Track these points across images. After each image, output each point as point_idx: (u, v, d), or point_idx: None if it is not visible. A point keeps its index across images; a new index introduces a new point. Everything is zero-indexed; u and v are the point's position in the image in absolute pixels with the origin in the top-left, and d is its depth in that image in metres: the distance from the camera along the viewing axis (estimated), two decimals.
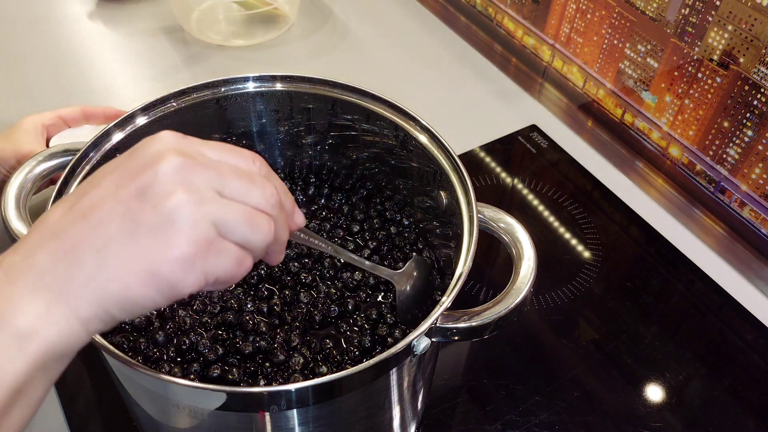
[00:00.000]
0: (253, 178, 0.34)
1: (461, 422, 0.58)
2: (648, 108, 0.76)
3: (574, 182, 0.80)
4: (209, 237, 0.31)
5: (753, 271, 0.70)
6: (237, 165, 0.34)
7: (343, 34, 1.00)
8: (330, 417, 0.42)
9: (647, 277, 0.70)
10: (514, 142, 0.84)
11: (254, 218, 0.33)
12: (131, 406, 0.48)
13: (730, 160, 0.69)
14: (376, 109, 0.55)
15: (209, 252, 0.31)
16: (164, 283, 0.30)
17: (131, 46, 0.96)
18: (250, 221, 0.32)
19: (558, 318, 0.66)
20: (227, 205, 0.32)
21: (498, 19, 0.94)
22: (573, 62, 0.84)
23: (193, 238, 0.30)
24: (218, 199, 0.32)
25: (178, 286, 0.31)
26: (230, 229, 0.32)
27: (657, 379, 0.62)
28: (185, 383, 0.37)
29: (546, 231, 0.74)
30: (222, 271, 0.32)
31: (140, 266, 0.30)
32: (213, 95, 0.55)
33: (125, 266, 0.30)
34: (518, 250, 0.47)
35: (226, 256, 0.32)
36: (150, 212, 0.30)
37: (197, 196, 0.31)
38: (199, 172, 0.32)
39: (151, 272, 0.30)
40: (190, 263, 0.30)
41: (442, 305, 0.41)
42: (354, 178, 0.61)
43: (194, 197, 0.31)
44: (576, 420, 0.58)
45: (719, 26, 0.64)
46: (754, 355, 0.64)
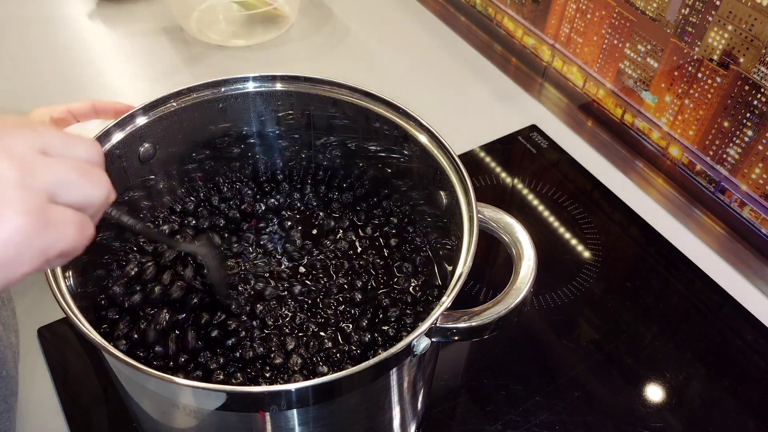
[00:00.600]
0: (70, 136, 0.31)
1: (461, 422, 0.58)
2: (648, 108, 0.76)
3: (574, 182, 0.80)
4: (42, 205, 0.28)
5: (753, 271, 0.70)
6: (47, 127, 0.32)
7: (343, 34, 1.00)
8: (330, 417, 0.42)
9: (647, 277, 0.70)
10: (514, 142, 0.84)
11: (89, 171, 0.30)
12: (131, 406, 0.48)
13: (730, 160, 0.69)
14: (376, 109, 0.55)
15: (45, 224, 0.28)
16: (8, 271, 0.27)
17: (131, 46, 0.96)
18: (86, 176, 0.30)
19: (558, 318, 0.66)
20: (56, 163, 0.29)
21: (498, 19, 0.94)
22: (573, 62, 0.84)
23: (23, 210, 0.27)
24: (44, 158, 0.29)
25: (12, 270, 0.27)
26: (66, 189, 0.29)
27: (657, 379, 0.62)
28: (185, 383, 0.37)
29: (546, 231, 0.74)
30: (64, 244, 0.29)
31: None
32: (213, 95, 0.55)
33: None
34: (518, 250, 0.47)
35: (66, 224, 0.29)
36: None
37: (19, 160, 0.28)
38: (15, 134, 0.28)
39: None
40: (25, 241, 0.27)
41: (442, 305, 0.41)
42: (353, 178, 0.61)
43: (17, 163, 0.27)
44: (576, 420, 0.58)
45: (719, 26, 0.64)
46: (754, 355, 0.64)
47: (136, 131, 0.52)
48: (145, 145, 0.54)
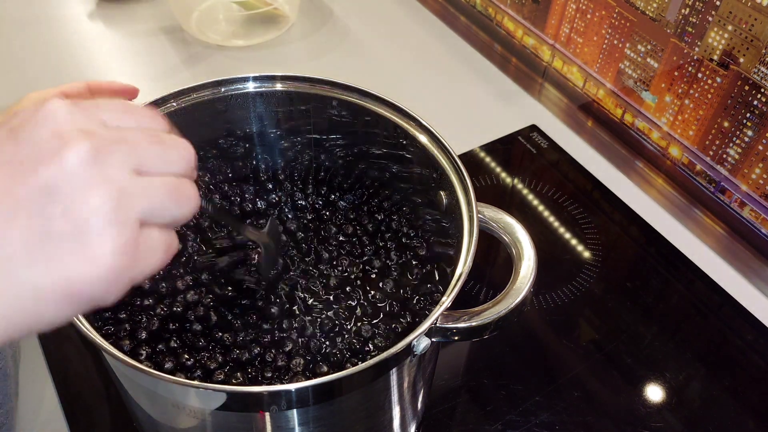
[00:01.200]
0: (162, 138, 0.29)
1: (461, 422, 0.58)
2: (648, 108, 0.76)
3: (574, 182, 0.80)
4: (135, 237, 0.26)
5: (753, 271, 0.70)
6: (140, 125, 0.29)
7: (343, 34, 1.00)
8: (330, 417, 0.42)
9: (647, 277, 0.70)
10: (514, 142, 0.84)
11: (180, 191, 0.28)
12: (131, 406, 0.48)
13: (730, 160, 0.69)
14: (376, 109, 0.55)
15: (137, 255, 0.26)
16: (84, 302, 0.26)
17: (131, 46, 0.96)
18: (177, 197, 0.28)
19: (558, 318, 0.66)
20: (150, 186, 0.27)
21: (498, 19, 0.94)
22: (573, 62, 0.84)
23: (119, 248, 0.25)
24: (138, 182, 0.27)
25: (101, 301, 0.26)
26: (158, 213, 0.27)
27: (657, 379, 0.62)
28: (185, 383, 0.37)
29: (546, 231, 0.74)
30: (152, 268, 0.28)
31: (54, 287, 0.25)
32: (213, 95, 0.55)
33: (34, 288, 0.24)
34: (518, 250, 0.47)
35: (154, 250, 0.27)
36: (60, 219, 0.25)
37: (115, 189, 0.26)
38: (110, 154, 0.26)
39: (69, 294, 0.25)
40: (117, 278, 0.26)
41: (442, 305, 0.41)
42: (353, 178, 0.61)
43: (112, 193, 0.25)
44: (576, 420, 0.58)
45: (719, 26, 0.64)
46: (754, 355, 0.64)
47: None
48: None
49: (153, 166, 0.28)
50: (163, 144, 0.29)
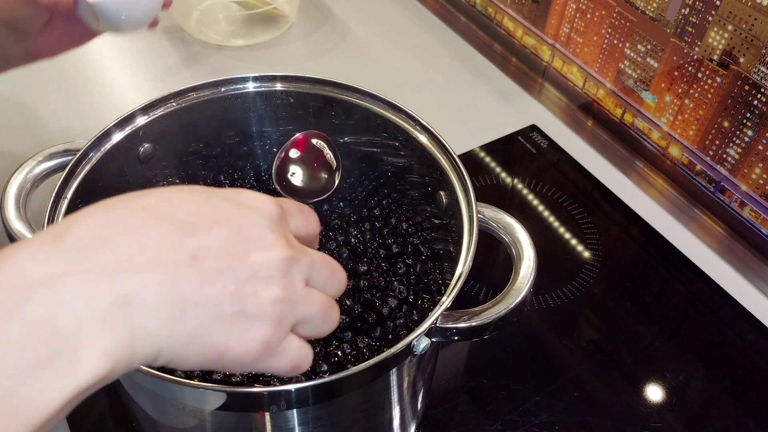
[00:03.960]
0: (333, 266, 0.34)
1: (461, 422, 0.58)
2: (648, 108, 0.76)
3: (574, 182, 0.80)
4: (281, 337, 0.30)
5: (753, 271, 0.70)
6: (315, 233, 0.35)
7: (343, 34, 1.00)
8: (330, 417, 0.42)
9: (647, 277, 0.70)
10: (514, 142, 0.84)
11: (330, 312, 0.33)
12: (131, 405, 0.48)
13: (730, 160, 0.69)
14: (376, 109, 0.55)
15: (274, 352, 0.30)
16: (219, 363, 0.29)
17: (131, 46, 0.96)
18: (326, 316, 0.32)
19: (558, 318, 0.66)
20: (311, 300, 0.31)
21: (498, 19, 0.94)
22: (573, 62, 0.84)
23: (267, 339, 0.29)
24: (305, 293, 0.31)
25: (223, 369, 0.30)
26: (307, 326, 0.32)
27: (657, 379, 0.62)
28: (185, 383, 0.37)
29: (546, 231, 0.74)
30: (272, 370, 0.31)
31: (213, 343, 0.29)
32: (213, 95, 0.55)
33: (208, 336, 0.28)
34: (518, 250, 0.47)
35: (287, 355, 0.31)
36: (251, 298, 0.29)
37: (291, 292, 0.30)
38: (297, 263, 0.31)
39: (216, 354, 0.29)
40: (250, 361, 0.30)
41: (442, 305, 0.41)
42: (353, 179, 0.61)
43: (288, 294, 0.30)
44: (576, 420, 0.58)
45: (719, 26, 0.64)
46: (754, 355, 0.64)
47: (136, 131, 0.52)
48: (145, 146, 0.54)
49: (319, 282, 0.32)
50: (332, 268, 0.33)
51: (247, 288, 0.29)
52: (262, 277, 0.29)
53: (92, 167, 0.49)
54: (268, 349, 0.30)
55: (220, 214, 0.30)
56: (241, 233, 0.30)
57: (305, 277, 0.31)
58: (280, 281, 0.30)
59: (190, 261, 0.28)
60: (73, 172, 0.48)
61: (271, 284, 0.29)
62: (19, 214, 0.48)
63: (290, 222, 0.33)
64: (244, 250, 0.29)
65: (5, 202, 0.48)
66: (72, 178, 0.48)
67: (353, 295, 0.53)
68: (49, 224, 0.45)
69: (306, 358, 0.32)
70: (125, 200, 0.29)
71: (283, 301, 0.30)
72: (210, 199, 0.30)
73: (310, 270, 0.32)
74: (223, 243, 0.29)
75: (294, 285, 0.31)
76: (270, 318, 0.29)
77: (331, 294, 0.33)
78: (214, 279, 0.28)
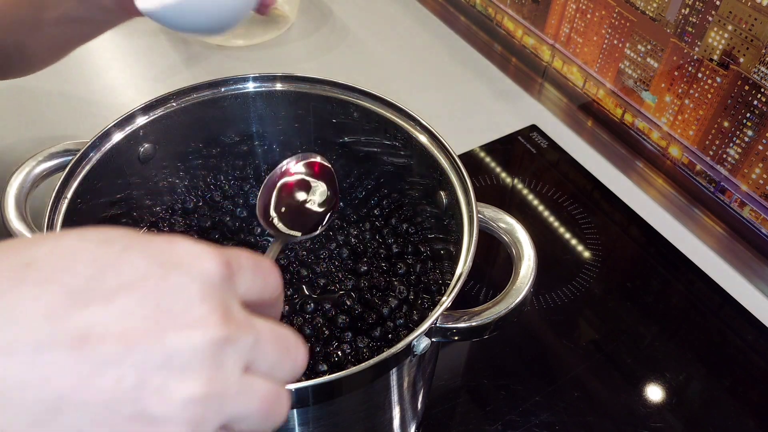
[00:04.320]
0: (287, 342, 0.26)
1: (461, 422, 0.58)
2: (648, 108, 0.76)
3: (574, 182, 0.80)
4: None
5: (753, 271, 0.70)
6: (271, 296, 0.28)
7: (343, 34, 1.00)
8: (330, 417, 0.42)
9: (647, 277, 0.70)
10: (514, 142, 0.84)
11: (275, 406, 0.26)
12: None
13: (730, 160, 0.69)
14: (376, 109, 0.55)
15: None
16: None
17: (131, 46, 0.96)
18: (268, 411, 0.25)
19: (558, 318, 0.66)
20: (247, 393, 0.24)
21: (498, 19, 0.94)
22: (573, 62, 0.84)
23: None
24: (241, 384, 0.24)
25: None
26: (240, 423, 0.25)
27: (657, 379, 0.62)
28: None
29: (546, 231, 0.74)
30: None
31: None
32: (213, 95, 0.55)
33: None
34: (518, 250, 0.47)
35: None
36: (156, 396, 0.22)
37: (218, 386, 0.23)
38: (234, 346, 0.24)
39: None
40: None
41: (442, 305, 0.41)
42: (353, 178, 0.61)
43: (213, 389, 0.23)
44: (576, 420, 0.58)
45: (719, 26, 0.64)
46: (754, 355, 0.64)
47: (135, 131, 0.52)
48: (144, 146, 0.54)
49: (264, 366, 0.25)
50: (285, 345, 0.26)
51: (153, 381, 0.22)
52: (177, 365, 0.22)
53: (92, 167, 0.49)
54: None
55: (133, 276, 0.23)
56: (157, 304, 0.23)
57: (244, 361, 0.24)
58: (204, 371, 0.23)
59: (76, 343, 0.21)
60: (73, 172, 0.48)
61: (188, 376, 0.22)
62: (20, 213, 0.48)
63: (239, 284, 0.26)
64: (157, 329, 0.22)
65: (5, 202, 0.48)
66: (72, 178, 0.48)
67: (353, 295, 0.53)
68: (49, 224, 0.45)
69: None
70: (8, 249, 0.23)
71: (204, 398, 0.22)
72: (125, 253, 0.23)
73: (253, 352, 0.25)
74: (128, 318, 0.22)
75: (224, 375, 0.23)
76: (182, 422, 0.22)
77: (281, 380, 0.26)
78: (106, 369, 0.21)
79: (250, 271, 0.26)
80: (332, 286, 0.54)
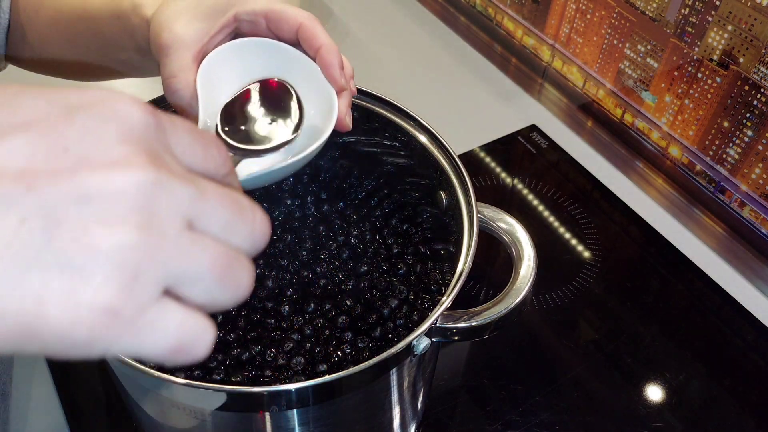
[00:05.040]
0: (242, 207, 0.23)
1: (461, 422, 0.58)
2: (648, 108, 0.76)
3: (574, 182, 0.80)
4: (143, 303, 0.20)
5: (753, 271, 0.70)
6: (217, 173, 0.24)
7: (343, 34, 1.00)
8: (330, 417, 0.42)
9: (647, 277, 0.70)
10: (514, 142, 0.84)
11: (232, 269, 0.22)
12: (131, 406, 0.48)
13: (730, 160, 0.69)
14: (376, 109, 0.55)
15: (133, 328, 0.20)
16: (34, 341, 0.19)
17: None
18: (223, 274, 0.21)
19: (558, 318, 0.66)
20: (194, 248, 0.21)
21: (498, 19, 0.94)
22: (573, 62, 0.84)
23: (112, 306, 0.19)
24: (183, 237, 0.21)
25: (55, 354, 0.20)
26: (188, 286, 0.21)
27: (657, 379, 0.62)
28: (185, 383, 0.37)
29: (546, 231, 0.74)
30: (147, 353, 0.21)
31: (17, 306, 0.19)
32: None
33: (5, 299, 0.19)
34: (518, 250, 0.47)
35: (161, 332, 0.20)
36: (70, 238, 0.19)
37: (153, 234, 0.20)
38: (170, 193, 0.20)
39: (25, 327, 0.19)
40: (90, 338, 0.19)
41: (442, 305, 0.41)
42: (353, 179, 0.61)
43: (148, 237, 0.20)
44: (576, 420, 0.58)
45: (719, 26, 0.64)
46: (754, 355, 0.64)
47: None
48: None
49: (212, 227, 0.22)
50: (238, 212, 0.22)
51: (68, 225, 0.19)
52: (97, 210, 0.19)
53: None
54: (115, 319, 0.19)
55: (31, 116, 0.20)
56: (63, 146, 0.19)
57: (184, 214, 0.21)
58: (131, 216, 0.19)
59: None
60: None
61: (113, 221, 0.19)
62: None
63: (173, 143, 0.22)
64: (66, 169, 0.19)
65: None
66: None
67: (353, 296, 0.53)
68: None
69: (198, 336, 0.21)
70: None
71: (135, 247, 0.19)
72: (21, 94, 0.21)
73: (195, 206, 0.21)
74: (25, 157, 0.19)
75: (158, 223, 0.20)
76: (112, 271, 0.19)
77: (238, 246, 0.22)
78: (7, 209, 0.18)
79: (187, 134, 0.23)
80: (332, 286, 0.54)
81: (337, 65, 0.43)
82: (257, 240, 0.23)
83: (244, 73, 0.45)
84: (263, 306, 0.51)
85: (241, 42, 0.45)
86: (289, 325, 0.50)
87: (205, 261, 0.21)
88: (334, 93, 0.44)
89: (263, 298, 0.52)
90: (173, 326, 0.20)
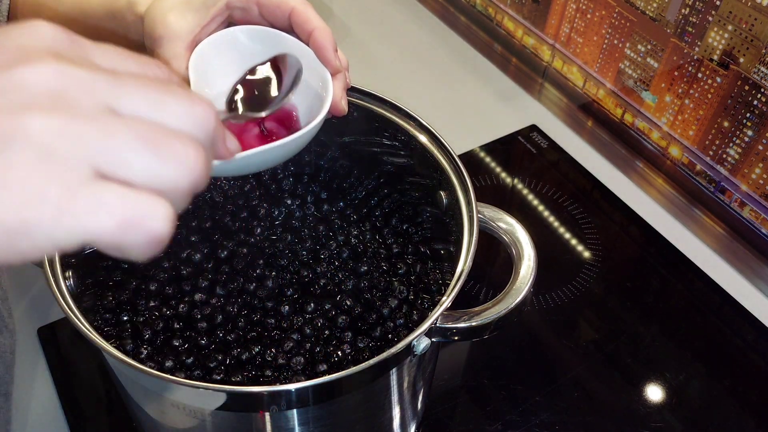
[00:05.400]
0: (172, 89, 0.23)
1: (461, 422, 0.58)
2: (648, 108, 0.76)
3: (574, 182, 0.80)
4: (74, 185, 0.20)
5: (753, 271, 0.70)
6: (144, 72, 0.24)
7: (343, 34, 1.00)
8: (330, 417, 0.42)
9: (647, 277, 0.70)
10: (514, 142, 0.84)
11: (166, 145, 0.22)
12: (131, 406, 0.48)
13: (730, 160, 0.69)
14: (376, 109, 0.55)
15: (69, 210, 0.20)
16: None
17: None
18: (156, 148, 0.21)
19: (558, 318, 0.66)
20: (116, 126, 0.21)
21: (498, 19, 0.94)
22: (573, 62, 0.84)
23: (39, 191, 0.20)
24: (106, 119, 0.21)
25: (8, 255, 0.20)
26: (126, 167, 0.21)
27: (657, 379, 0.62)
28: (185, 383, 0.37)
29: (546, 231, 0.74)
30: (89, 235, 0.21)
31: None
32: None
33: None
34: (518, 250, 0.47)
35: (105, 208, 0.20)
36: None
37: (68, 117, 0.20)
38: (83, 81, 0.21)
39: None
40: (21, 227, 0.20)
41: (442, 305, 0.41)
42: (353, 179, 0.61)
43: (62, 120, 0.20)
44: (576, 420, 0.58)
45: (719, 26, 0.64)
46: (754, 355, 0.64)
47: None
48: None
49: (138, 109, 0.22)
50: (169, 93, 0.22)
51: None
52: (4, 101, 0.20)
53: None
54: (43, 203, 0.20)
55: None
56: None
57: (103, 99, 0.21)
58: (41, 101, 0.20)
59: None
60: None
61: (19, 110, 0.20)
62: None
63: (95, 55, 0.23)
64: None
65: None
66: None
67: (353, 295, 0.53)
68: None
69: (148, 210, 0.21)
70: None
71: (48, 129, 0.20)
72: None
73: (114, 90, 0.22)
74: None
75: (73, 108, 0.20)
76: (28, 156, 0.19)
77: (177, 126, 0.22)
78: None
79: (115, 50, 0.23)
80: (332, 286, 0.54)
81: (330, 47, 0.44)
82: (198, 119, 0.23)
83: (239, 61, 0.45)
84: (263, 306, 0.51)
85: (233, 30, 0.45)
86: (289, 325, 0.50)
87: (130, 137, 0.21)
88: (329, 76, 0.45)
89: (263, 298, 0.52)
90: (114, 203, 0.21)
